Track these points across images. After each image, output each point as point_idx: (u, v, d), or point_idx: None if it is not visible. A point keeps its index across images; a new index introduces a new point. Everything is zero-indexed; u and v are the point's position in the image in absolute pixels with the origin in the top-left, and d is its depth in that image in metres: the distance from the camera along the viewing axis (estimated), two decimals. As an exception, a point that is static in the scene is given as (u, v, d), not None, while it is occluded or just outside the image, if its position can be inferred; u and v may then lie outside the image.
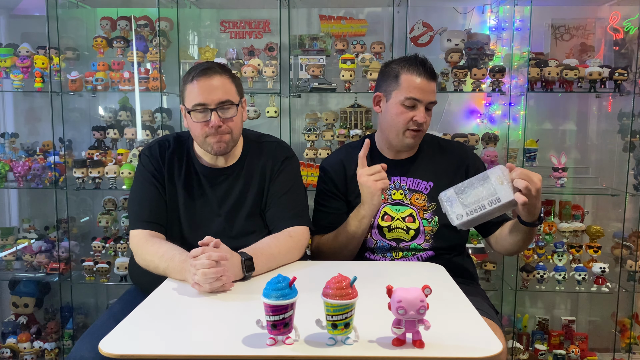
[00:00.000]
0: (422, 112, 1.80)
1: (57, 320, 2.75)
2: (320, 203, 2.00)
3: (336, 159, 2.00)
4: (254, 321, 1.12)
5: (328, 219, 1.94)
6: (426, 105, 1.81)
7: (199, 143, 1.74)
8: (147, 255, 1.62)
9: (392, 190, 1.91)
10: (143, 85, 2.60)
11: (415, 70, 1.80)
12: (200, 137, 1.70)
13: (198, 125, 1.68)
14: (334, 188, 1.96)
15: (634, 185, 2.57)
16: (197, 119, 1.67)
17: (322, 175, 2.01)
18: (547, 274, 2.58)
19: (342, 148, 2.13)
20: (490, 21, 2.76)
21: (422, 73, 1.80)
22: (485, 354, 1.05)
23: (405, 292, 1.06)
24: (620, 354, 2.68)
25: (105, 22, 2.72)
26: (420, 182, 1.90)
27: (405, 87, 1.80)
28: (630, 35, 2.59)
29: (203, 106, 1.66)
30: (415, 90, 1.79)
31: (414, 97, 1.79)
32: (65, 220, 2.68)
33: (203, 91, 1.65)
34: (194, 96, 1.66)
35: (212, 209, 1.77)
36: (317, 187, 2.03)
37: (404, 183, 1.91)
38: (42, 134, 2.86)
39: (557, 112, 2.85)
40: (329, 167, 1.99)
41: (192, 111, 1.67)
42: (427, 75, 1.80)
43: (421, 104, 1.80)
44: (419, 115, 1.80)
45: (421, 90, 1.79)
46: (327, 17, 2.77)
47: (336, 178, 1.96)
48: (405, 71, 1.81)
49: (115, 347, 1.08)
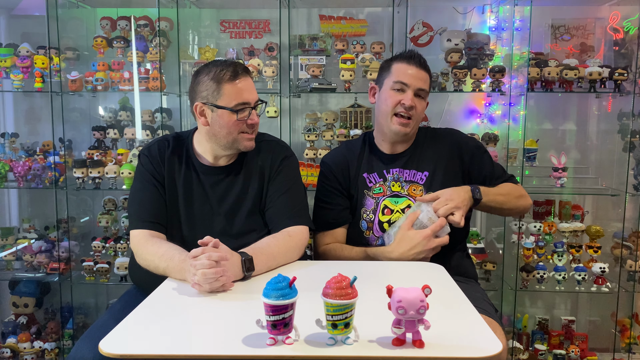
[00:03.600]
0: (409, 95, 1.86)
1: (57, 320, 2.75)
2: (322, 200, 2.01)
3: (338, 155, 2.04)
4: (254, 321, 1.12)
5: (331, 216, 1.97)
6: (416, 92, 1.87)
7: (228, 140, 1.74)
8: (147, 255, 1.63)
9: (391, 182, 1.95)
10: (143, 85, 2.60)
11: (406, 59, 1.91)
12: (234, 134, 1.72)
13: (236, 123, 1.70)
14: (337, 184, 1.98)
15: (634, 185, 2.57)
16: (242, 117, 1.70)
17: (323, 171, 2.03)
18: (547, 274, 2.58)
19: (343, 145, 2.16)
20: (490, 21, 2.76)
21: (412, 61, 1.89)
22: (485, 353, 1.05)
23: (405, 292, 1.06)
24: (620, 354, 2.68)
25: (105, 22, 2.72)
26: (416, 173, 1.95)
27: (394, 73, 1.90)
28: (630, 35, 2.59)
29: (247, 105, 1.71)
30: (403, 75, 1.88)
31: (402, 81, 1.87)
32: (65, 220, 2.68)
33: (246, 90, 1.71)
34: (237, 95, 1.69)
35: (212, 208, 1.77)
36: (319, 184, 2.05)
37: (401, 175, 1.95)
38: (42, 134, 2.86)
39: (557, 112, 2.85)
40: (331, 163, 2.01)
41: (238, 110, 1.69)
42: (417, 63, 1.89)
43: (409, 89, 1.87)
44: (406, 98, 1.86)
45: (409, 75, 1.87)
46: (327, 17, 2.77)
47: (339, 174, 1.98)
48: (397, 61, 1.93)
49: (115, 347, 1.08)
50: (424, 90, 1.90)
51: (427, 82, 1.92)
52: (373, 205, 1.94)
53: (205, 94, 1.71)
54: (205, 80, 1.71)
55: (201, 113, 1.73)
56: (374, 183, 1.96)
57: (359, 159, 2.00)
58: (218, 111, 1.70)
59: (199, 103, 1.72)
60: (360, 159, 2.00)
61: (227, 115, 1.70)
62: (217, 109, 1.70)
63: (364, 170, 1.98)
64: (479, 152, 2.00)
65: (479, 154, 2.00)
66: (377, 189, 1.95)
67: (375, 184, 1.96)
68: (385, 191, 1.94)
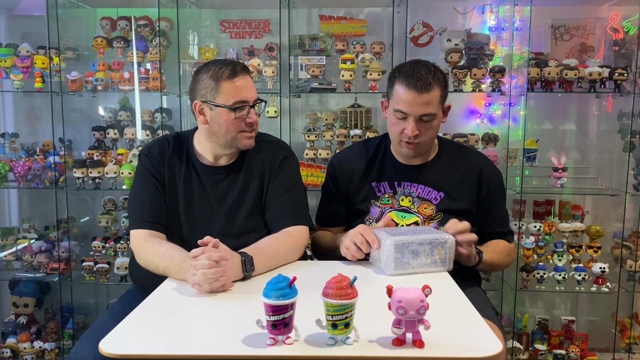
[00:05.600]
0: (411, 125, 1.73)
1: (57, 320, 2.75)
2: (323, 197, 2.03)
3: (347, 159, 1.97)
4: (254, 321, 1.12)
5: (325, 215, 2.01)
6: (421, 117, 1.73)
7: (227, 139, 1.74)
8: (147, 255, 1.63)
9: (401, 196, 1.87)
10: (143, 85, 2.60)
11: (405, 82, 1.72)
12: (233, 132, 1.72)
13: (234, 121, 1.70)
14: (336, 189, 1.97)
15: (634, 185, 2.57)
16: (240, 115, 1.70)
17: (329, 172, 2.02)
18: (547, 274, 2.58)
19: (356, 146, 2.03)
20: (490, 21, 2.76)
21: (412, 85, 1.71)
22: (485, 354, 1.05)
23: (405, 292, 1.06)
24: (620, 354, 2.68)
25: (105, 22, 2.72)
26: (431, 191, 1.85)
27: (395, 99, 1.76)
28: (630, 35, 2.59)
29: (245, 103, 1.71)
30: (402, 103, 1.73)
31: (401, 110, 1.74)
32: (65, 220, 2.68)
33: (244, 88, 1.71)
34: (236, 93, 1.69)
35: (212, 208, 1.78)
36: (325, 179, 2.05)
37: (414, 190, 1.86)
38: (42, 134, 2.86)
39: (557, 112, 2.85)
40: (337, 166, 1.98)
41: (236, 108, 1.69)
42: (418, 87, 1.70)
43: (410, 117, 1.73)
44: (407, 129, 1.74)
45: (408, 103, 1.72)
46: (327, 17, 2.77)
47: (341, 178, 1.95)
48: (398, 81, 1.75)
49: (115, 347, 1.09)
50: (429, 114, 1.73)
51: (434, 102, 1.73)
52: (377, 214, 1.87)
53: (204, 92, 1.71)
54: (204, 79, 1.71)
55: (200, 111, 1.73)
56: (383, 193, 1.88)
57: (369, 165, 1.92)
58: (216, 109, 1.70)
59: (198, 101, 1.73)
60: (371, 166, 1.92)
61: (225, 114, 1.70)
62: (215, 107, 1.70)
63: (374, 178, 1.90)
64: (498, 193, 1.91)
65: (499, 194, 1.91)
66: (386, 199, 1.87)
67: (384, 194, 1.88)
68: (393, 204, 1.87)
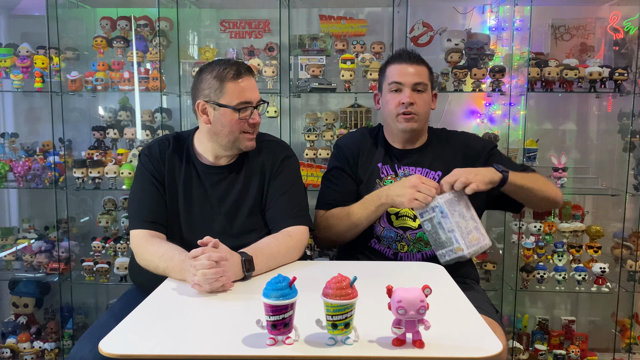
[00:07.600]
0: (406, 93, 1.88)
1: (57, 320, 2.75)
2: (331, 180, 2.02)
3: (353, 139, 2.05)
4: (254, 321, 1.12)
5: (335, 197, 1.98)
6: (414, 88, 1.89)
7: (230, 139, 1.74)
8: (147, 255, 1.63)
9: (402, 178, 1.93)
10: (143, 85, 2.60)
11: (396, 59, 1.94)
12: (236, 132, 1.72)
13: (238, 122, 1.71)
14: (347, 167, 1.99)
15: (634, 185, 2.57)
16: (244, 116, 1.70)
17: (335, 153, 2.05)
18: (547, 274, 2.58)
19: (359, 131, 2.17)
20: (490, 21, 2.75)
21: (402, 59, 1.92)
22: (485, 354, 1.05)
23: (405, 292, 1.06)
24: (620, 354, 2.68)
25: (105, 22, 2.72)
26: (429, 172, 1.94)
27: (389, 76, 1.94)
28: (630, 35, 2.59)
29: (249, 104, 1.71)
30: (396, 75, 1.91)
31: (396, 81, 1.90)
32: (65, 220, 2.68)
33: (248, 89, 1.72)
34: (240, 93, 1.70)
35: (212, 208, 1.77)
36: (330, 164, 2.07)
37: (413, 172, 1.94)
38: (42, 134, 2.85)
39: (557, 112, 2.85)
40: (344, 146, 2.03)
41: (240, 109, 1.69)
42: (407, 59, 1.91)
43: (405, 87, 1.89)
44: (403, 96, 1.88)
45: (402, 73, 1.90)
46: (327, 17, 2.77)
47: (350, 157, 1.99)
48: (389, 63, 1.97)
49: (115, 347, 1.08)
50: (422, 83, 1.90)
51: (424, 75, 1.92)
52: None
53: (208, 92, 1.71)
54: (208, 79, 1.71)
55: (203, 111, 1.73)
56: (386, 175, 1.96)
57: (374, 147, 2.01)
58: (220, 109, 1.70)
59: (201, 101, 1.72)
60: (375, 148, 2.01)
61: (229, 114, 1.70)
62: (219, 107, 1.70)
63: (379, 160, 1.98)
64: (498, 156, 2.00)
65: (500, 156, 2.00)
66: (389, 181, 1.95)
67: (387, 175, 1.96)
68: None
